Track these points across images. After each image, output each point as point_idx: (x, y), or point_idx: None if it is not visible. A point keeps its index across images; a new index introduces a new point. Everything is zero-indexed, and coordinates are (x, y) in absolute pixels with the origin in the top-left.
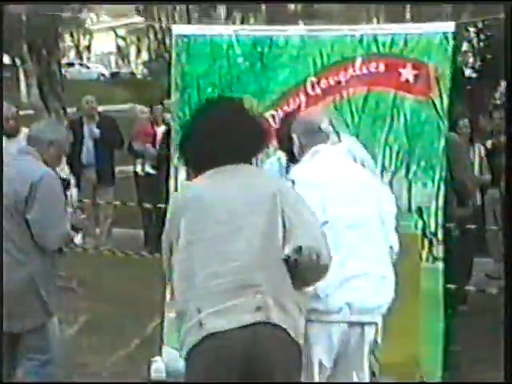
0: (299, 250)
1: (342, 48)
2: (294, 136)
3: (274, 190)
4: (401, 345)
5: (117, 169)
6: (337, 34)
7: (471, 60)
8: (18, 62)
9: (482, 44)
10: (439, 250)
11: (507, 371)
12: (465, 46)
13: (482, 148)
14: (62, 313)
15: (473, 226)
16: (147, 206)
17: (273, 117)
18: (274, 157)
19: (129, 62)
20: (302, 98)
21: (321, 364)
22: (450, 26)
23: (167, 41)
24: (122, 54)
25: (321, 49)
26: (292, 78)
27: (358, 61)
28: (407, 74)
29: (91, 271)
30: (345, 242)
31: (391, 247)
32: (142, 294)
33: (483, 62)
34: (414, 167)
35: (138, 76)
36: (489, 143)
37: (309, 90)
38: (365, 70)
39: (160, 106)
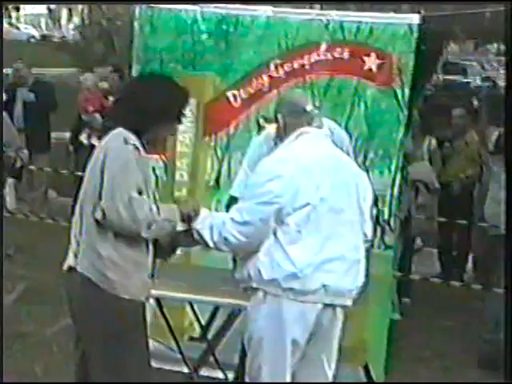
0: (103, 213)
1: (308, 32)
2: (279, 116)
3: (102, 153)
4: (350, 329)
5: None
6: (304, 17)
7: None
8: None
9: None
10: (391, 238)
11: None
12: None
13: (434, 140)
14: None
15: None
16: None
17: (234, 96)
18: (264, 133)
19: (60, 25)
20: (265, 79)
21: (294, 342)
22: (414, 18)
23: (104, 7)
24: (53, 16)
25: (286, 31)
26: (256, 58)
27: (323, 46)
28: (371, 62)
29: (30, 238)
30: (326, 224)
31: (365, 234)
32: None
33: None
34: (371, 155)
35: (70, 41)
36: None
37: (272, 71)
38: (329, 56)
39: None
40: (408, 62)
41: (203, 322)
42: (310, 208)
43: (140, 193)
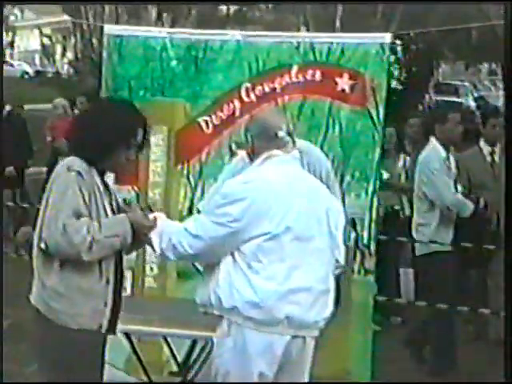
0: (45, 242)
1: (279, 55)
2: (248, 136)
3: (50, 182)
4: (331, 357)
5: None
6: (273, 40)
7: (397, 72)
8: None
9: (407, 56)
10: (371, 263)
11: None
12: (391, 58)
13: (408, 158)
14: None
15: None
16: None
17: (206, 122)
18: (239, 156)
19: (54, 60)
20: (237, 104)
21: (261, 375)
22: (386, 37)
23: (94, 41)
24: (46, 52)
25: (257, 55)
26: (226, 83)
27: (294, 68)
28: (343, 83)
29: (12, 276)
30: (291, 253)
31: (337, 260)
32: None
33: (408, 74)
34: (347, 177)
35: (63, 76)
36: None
37: (243, 96)
38: (301, 78)
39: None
40: (381, 81)
41: (179, 357)
42: (268, 237)
43: (80, 216)
